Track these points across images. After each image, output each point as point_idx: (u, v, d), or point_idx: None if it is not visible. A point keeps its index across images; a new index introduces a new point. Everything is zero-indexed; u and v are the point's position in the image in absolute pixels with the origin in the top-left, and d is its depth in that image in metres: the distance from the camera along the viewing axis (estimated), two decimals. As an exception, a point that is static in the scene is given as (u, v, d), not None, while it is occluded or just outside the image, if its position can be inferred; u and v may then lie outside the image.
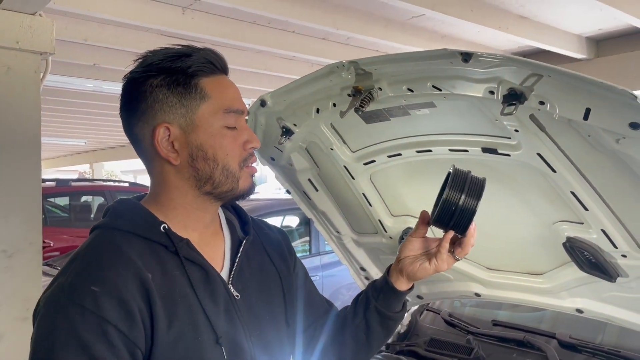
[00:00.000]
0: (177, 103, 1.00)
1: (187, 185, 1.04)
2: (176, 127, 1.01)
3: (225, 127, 1.03)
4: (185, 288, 0.99)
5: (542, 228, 1.66)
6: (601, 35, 4.74)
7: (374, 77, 1.45)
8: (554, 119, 1.23)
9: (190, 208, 1.06)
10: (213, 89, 1.03)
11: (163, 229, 1.01)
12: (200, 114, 1.01)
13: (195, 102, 1.01)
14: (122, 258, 0.95)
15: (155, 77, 1.00)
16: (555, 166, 1.39)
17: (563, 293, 1.82)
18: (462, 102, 1.39)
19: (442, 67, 1.28)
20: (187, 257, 1.02)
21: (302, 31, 4.31)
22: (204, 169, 1.02)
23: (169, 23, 3.74)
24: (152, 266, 0.97)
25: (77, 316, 0.88)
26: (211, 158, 1.02)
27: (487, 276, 2.01)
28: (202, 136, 1.01)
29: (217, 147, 1.02)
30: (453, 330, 2.40)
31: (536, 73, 1.14)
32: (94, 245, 1.00)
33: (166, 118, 1.00)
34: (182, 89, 1.00)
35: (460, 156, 1.60)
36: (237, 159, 1.04)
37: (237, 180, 1.05)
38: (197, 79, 1.01)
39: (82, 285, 0.91)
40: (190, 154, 1.01)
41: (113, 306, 0.89)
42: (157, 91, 1.00)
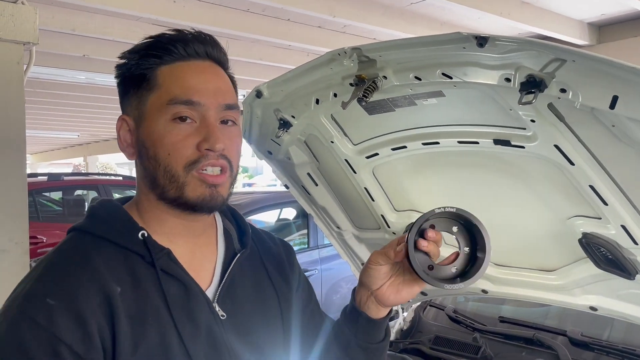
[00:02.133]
0: (133, 94, 0.92)
1: (145, 186, 0.94)
2: (131, 120, 0.93)
3: (171, 122, 0.89)
4: (158, 305, 0.87)
5: (556, 223, 1.58)
6: (604, 20, 4.65)
7: (379, 64, 1.36)
8: (575, 108, 1.14)
9: (162, 214, 0.94)
10: (166, 77, 0.91)
11: (142, 236, 0.90)
12: (149, 106, 0.91)
13: (146, 92, 0.91)
14: (88, 267, 0.85)
15: (122, 71, 0.94)
16: (574, 159, 1.31)
17: (576, 290, 1.75)
18: (473, 90, 1.30)
19: (454, 53, 1.19)
20: (166, 269, 0.90)
21: (297, 19, 4.20)
22: (148, 167, 0.92)
23: (160, 12, 3.62)
24: (122, 278, 0.86)
25: (27, 331, 0.78)
26: (152, 156, 0.90)
27: (496, 272, 1.94)
28: (147, 130, 0.91)
29: (157, 144, 0.89)
30: (458, 327, 2.32)
31: (559, 58, 1.04)
32: (62, 250, 0.90)
33: (126, 110, 0.94)
34: (134, 81, 0.92)
35: (470, 148, 1.52)
36: (181, 160, 0.89)
37: (182, 186, 0.90)
38: (151, 70, 0.91)
39: (37, 297, 0.81)
40: (138, 150, 0.93)
41: (68, 323, 0.79)
42: (121, 83, 0.95)
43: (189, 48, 0.92)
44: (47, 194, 7.53)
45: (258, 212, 5.08)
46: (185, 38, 0.93)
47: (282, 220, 5.40)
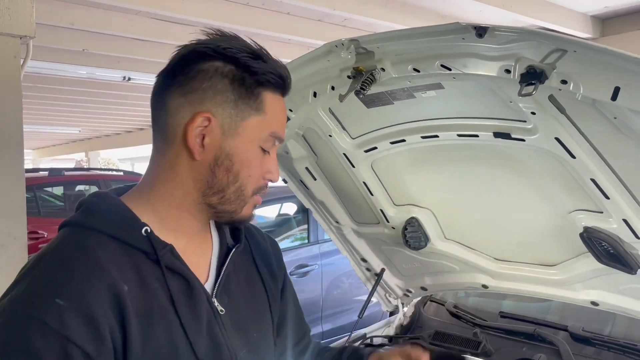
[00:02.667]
0: (232, 101, 0.90)
1: (194, 187, 0.93)
2: (217, 124, 0.90)
3: (261, 149, 0.93)
4: (164, 303, 0.87)
5: (557, 217, 1.56)
6: (607, 13, 4.61)
7: (376, 56, 1.34)
8: (576, 100, 1.12)
9: (185, 211, 0.94)
10: (272, 107, 0.93)
11: (145, 232, 0.88)
12: (247, 124, 0.91)
13: (249, 110, 0.91)
14: (95, 266, 0.83)
15: (224, 64, 0.90)
16: (575, 151, 1.29)
17: (577, 285, 1.73)
18: (473, 82, 1.28)
19: (453, 44, 1.17)
20: (169, 266, 0.89)
21: (297, 13, 4.17)
22: (221, 179, 0.92)
23: (160, 5, 3.58)
24: (128, 277, 0.85)
25: (37, 334, 0.75)
26: (234, 172, 0.92)
27: (496, 267, 1.92)
28: (238, 146, 0.91)
29: (245, 164, 0.92)
30: (458, 322, 2.30)
31: (560, 48, 1.02)
32: (62, 247, 0.86)
33: (213, 109, 0.90)
34: (245, 90, 0.90)
35: (469, 141, 1.50)
36: (254, 184, 0.94)
37: (244, 205, 0.94)
38: (263, 88, 0.92)
39: (45, 297, 0.78)
40: (216, 157, 0.91)
41: (80, 324, 0.77)
42: (219, 78, 0.89)
43: (287, 83, 0.97)
44: (49, 189, 7.52)
45: (258, 207, 5.05)
46: (286, 71, 0.96)
47: (282, 215, 5.38)
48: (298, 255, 4.54)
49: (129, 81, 5.92)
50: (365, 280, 2.38)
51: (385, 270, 2.28)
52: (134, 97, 7.81)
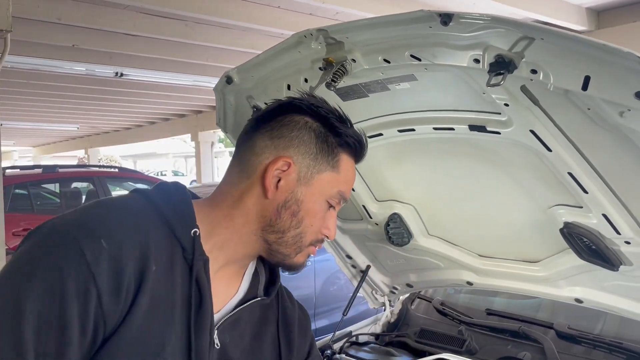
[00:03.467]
0: (312, 154, 0.98)
1: (256, 220, 0.98)
2: (295, 170, 0.97)
3: (327, 204, 1.01)
4: (177, 301, 0.89)
5: (537, 213, 1.52)
6: (603, 5, 4.54)
7: (346, 47, 1.29)
8: (548, 90, 1.08)
9: (237, 236, 0.99)
10: (345, 168, 1.02)
11: (193, 233, 0.93)
12: (321, 178, 0.99)
13: (325, 165, 0.99)
14: (143, 234, 0.87)
15: (313, 120, 0.99)
16: (551, 144, 1.25)
17: (561, 282, 1.70)
18: (445, 73, 1.24)
19: (420, 33, 1.13)
20: (197, 274, 0.92)
21: (287, 6, 4.12)
22: (285, 220, 0.98)
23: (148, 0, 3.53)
24: (161, 260, 0.88)
25: (72, 258, 0.80)
26: (299, 218, 0.98)
27: (480, 264, 1.89)
28: (308, 196, 0.98)
29: (310, 213, 0.99)
30: (445, 319, 2.27)
31: (527, 36, 0.98)
32: (129, 205, 0.93)
33: (294, 157, 0.97)
34: (326, 147, 0.99)
35: (446, 135, 1.46)
36: (313, 235, 1.01)
37: (299, 252, 1.00)
38: (342, 150, 1.01)
39: (94, 232, 0.83)
40: (286, 200, 0.97)
41: (109, 272, 0.81)
42: (306, 131, 0.99)
43: (363, 153, 1.06)
44: (44, 186, 7.49)
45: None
46: (365, 142, 1.06)
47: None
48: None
49: (121, 77, 5.87)
50: (351, 277, 2.34)
51: (370, 267, 2.25)
52: (128, 94, 7.77)
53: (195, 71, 6.06)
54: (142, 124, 12.72)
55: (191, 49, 5.12)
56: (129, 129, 13.77)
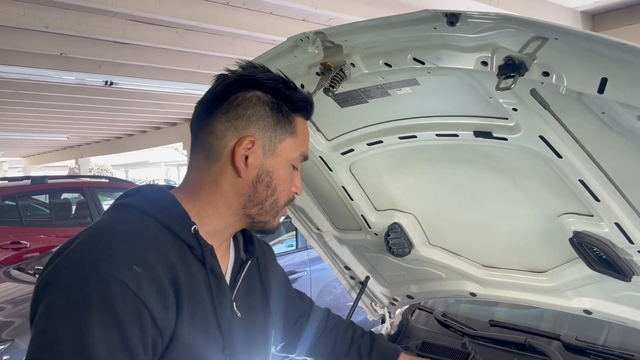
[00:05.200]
0: (271, 126, 1.05)
1: (236, 200, 1.05)
2: (259, 146, 1.04)
3: (291, 167, 1.09)
4: (205, 297, 0.98)
5: (545, 221, 1.47)
6: (597, 8, 4.53)
7: (345, 50, 1.24)
8: (560, 94, 1.03)
9: (225, 220, 1.07)
10: (301, 130, 1.10)
11: (193, 230, 1.00)
12: (284, 146, 1.07)
13: (285, 133, 1.07)
14: (159, 248, 0.94)
15: (263, 93, 1.05)
16: (561, 150, 1.19)
17: (569, 292, 1.64)
18: (449, 77, 1.18)
19: (424, 35, 1.07)
20: (210, 265, 1.01)
21: (280, 12, 4.07)
22: (261, 193, 1.06)
23: (137, 6, 3.47)
24: (179, 263, 0.95)
25: (118, 293, 0.84)
26: (272, 187, 1.06)
27: (483, 274, 1.82)
28: (276, 165, 1.06)
29: (280, 180, 1.07)
30: (447, 331, 2.20)
31: (540, 36, 0.92)
32: (130, 222, 0.96)
33: (256, 133, 1.04)
34: (282, 117, 1.06)
35: (449, 141, 1.40)
36: (286, 197, 1.10)
37: (276, 215, 1.10)
38: (295, 114, 1.08)
39: (124, 262, 0.87)
40: (259, 174, 1.05)
41: (153, 292, 0.88)
42: (261, 106, 1.04)
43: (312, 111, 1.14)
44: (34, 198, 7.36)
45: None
46: (312, 100, 1.13)
47: (271, 221, 5.27)
48: (286, 261, 4.43)
49: (111, 85, 5.80)
50: (349, 289, 2.28)
51: (369, 278, 2.19)
52: (119, 102, 7.69)
53: (186, 79, 6.01)
54: (133, 132, 12.62)
55: (182, 57, 5.06)
56: (120, 138, 13.66)
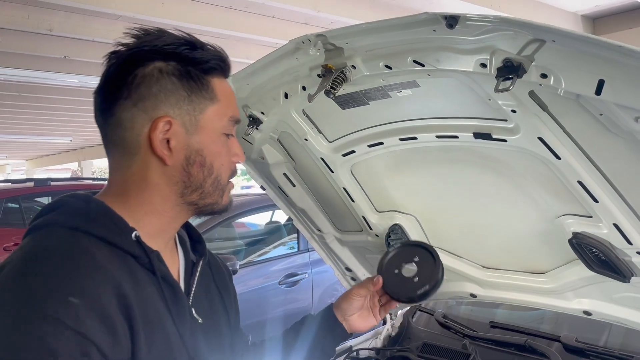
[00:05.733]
0: (186, 97, 0.90)
1: (171, 190, 0.92)
2: (178, 124, 0.89)
3: (224, 135, 0.95)
4: (160, 310, 0.87)
5: (545, 222, 1.47)
6: (598, 12, 4.55)
7: (346, 53, 1.25)
8: (558, 96, 1.04)
9: (166, 216, 0.94)
10: (222, 92, 0.95)
11: (135, 236, 0.87)
12: (207, 116, 0.92)
13: (204, 101, 0.91)
14: (98, 267, 0.80)
15: (165, 62, 0.88)
16: (560, 152, 1.20)
17: (569, 293, 1.64)
18: (449, 79, 1.19)
19: (424, 37, 1.08)
20: (161, 272, 0.89)
21: (282, 15, 4.09)
22: (197, 175, 0.92)
23: (141, 10, 3.50)
24: (126, 280, 0.83)
25: (54, 332, 0.71)
26: (208, 165, 0.93)
27: (484, 275, 1.83)
28: (205, 140, 0.92)
29: (215, 155, 0.93)
30: (448, 333, 2.21)
31: (538, 38, 0.93)
32: (57, 246, 0.82)
33: (170, 111, 0.89)
34: (194, 83, 0.90)
35: (449, 143, 1.41)
36: (228, 171, 0.97)
37: (222, 193, 0.97)
38: (209, 77, 0.92)
39: (57, 295, 0.74)
40: (187, 156, 0.91)
41: (96, 323, 0.75)
42: (166, 78, 0.88)
43: (229, 66, 0.98)
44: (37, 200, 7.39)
45: (249, 214, 4.97)
46: (224, 53, 0.97)
47: (273, 223, 5.28)
48: (288, 264, 4.44)
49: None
50: (350, 291, 2.28)
51: (370, 279, 2.20)
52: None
53: (188, 82, 6.00)
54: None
55: (185, 60, 5.07)
56: (123, 141, 13.68)
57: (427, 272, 1.35)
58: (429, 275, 1.35)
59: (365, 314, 1.33)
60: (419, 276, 1.35)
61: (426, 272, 1.36)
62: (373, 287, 1.33)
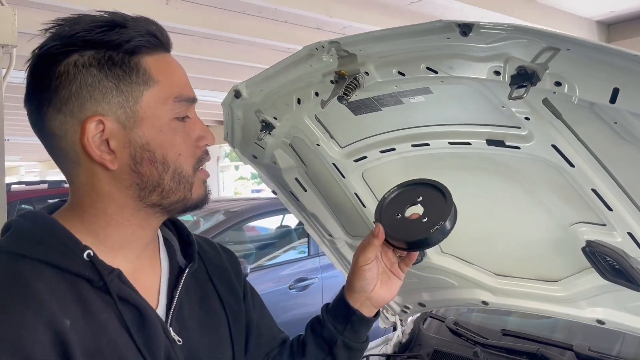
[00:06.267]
0: (113, 89, 0.77)
1: (126, 196, 0.81)
2: (113, 121, 0.78)
3: (176, 120, 0.82)
4: (117, 336, 0.77)
5: (558, 230, 1.46)
6: (613, 18, 4.51)
7: (359, 59, 1.25)
8: (572, 103, 1.03)
9: (128, 225, 0.83)
10: (159, 71, 0.80)
11: (87, 256, 0.78)
12: (145, 104, 0.79)
13: (137, 87, 0.79)
14: (31, 299, 0.72)
15: (80, 54, 0.76)
16: (574, 160, 1.19)
17: (582, 302, 1.63)
18: (462, 86, 1.19)
19: (437, 45, 1.08)
20: (118, 293, 0.79)
21: (294, 21, 4.11)
22: (150, 174, 0.81)
23: (152, 14, 3.46)
24: (71, 309, 0.74)
25: None
26: (160, 160, 0.80)
27: (496, 283, 1.82)
28: (149, 132, 0.79)
29: (167, 145, 0.81)
30: (459, 340, 2.20)
31: (552, 46, 0.93)
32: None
33: (99, 109, 0.77)
34: (120, 70, 0.78)
35: (462, 150, 1.41)
36: (191, 160, 0.84)
37: (191, 187, 0.84)
38: (138, 57, 0.79)
39: None
40: (133, 155, 0.79)
41: None
42: (84, 72, 0.76)
43: (162, 37, 0.83)
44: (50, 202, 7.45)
45: (259, 218, 4.98)
46: (154, 24, 0.82)
47: (283, 227, 5.28)
48: (298, 268, 4.44)
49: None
50: (360, 296, 2.28)
51: (381, 285, 2.19)
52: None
53: (202, 86, 6.06)
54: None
55: (197, 64, 5.12)
56: (136, 144, 13.79)
57: (437, 210, 1.11)
58: (440, 213, 1.10)
59: (386, 279, 1.08)
60: (427, 216, 1.10)
61: (436, 210, 1.12)
62: (376, 239, 1.07)
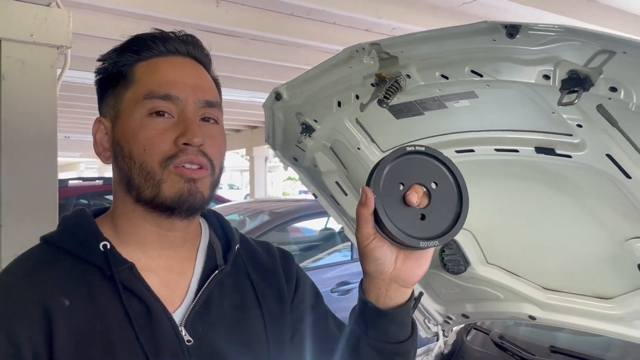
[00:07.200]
0: (111, 93, 0.88)
1: (122, 190, 0.87)
2: (107, 121, 0.89)
3: (147, 117, 0.84)
4: (113, 322, 0.80)
5: (612, 245, 1.38)
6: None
7: (401, 62, 1.21)
8: (630, 110, 0.96)
9: (133, 219, 0.87)
10: (143, 73, 0.86)
11: (103, 247, 0.83)
12: (125, 103, 0.86)
13: (123, 90, 0.87)
14: (33, 279, 0.80)
15: (99, 69, 0.90)
16: (630, 170, 1.12)
17: (638, 322, 1.52)
18: (509, 90, 1.13)
19: (483, 47, 1.03)
20: (127, 285, 0.82)
21: (343, 22, 4.08)
22: (124, 168, 0.85)
23: (202, 16, 3.58)
24: (75, 292, 0.80)
25: None
26: (127, 155, 0.84)
27: (544, 297, 1.73)
28: (122, 128, 0.86)
29: (132, 140, 0.84)
30: (504, 355, 2.11)
31: (607, 49, 0.86)
32: (19, 259, 0.85)
33: (103, 111, 0.90)
34: (116, 76, 0.88)
35: (509, 157, 1.34)
36: (157, 155, 0.82)
37: (159, 184, 0.82)
38: (126, 67, 0.87)
39: None
40: (114, 150, 0.87)
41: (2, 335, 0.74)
42: (100, 84, 0.90)
43: (169, 45, 0.89)
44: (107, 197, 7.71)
45: (303, 219, 4.97)
46: (166, 36, 0.90)
47: (327, 230, 5.26)
48: (341, 271, 4.41)
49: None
50: (402, 304, 2.23)
51: (423, 294, 2.13)
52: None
53: (250, 87, 6.12)
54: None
55: (246, 65, 5.17)
56: (188, 143, 14.10)
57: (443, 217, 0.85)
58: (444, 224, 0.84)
59: (408, 254, 0.87)
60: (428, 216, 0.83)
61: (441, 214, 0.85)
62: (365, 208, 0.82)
